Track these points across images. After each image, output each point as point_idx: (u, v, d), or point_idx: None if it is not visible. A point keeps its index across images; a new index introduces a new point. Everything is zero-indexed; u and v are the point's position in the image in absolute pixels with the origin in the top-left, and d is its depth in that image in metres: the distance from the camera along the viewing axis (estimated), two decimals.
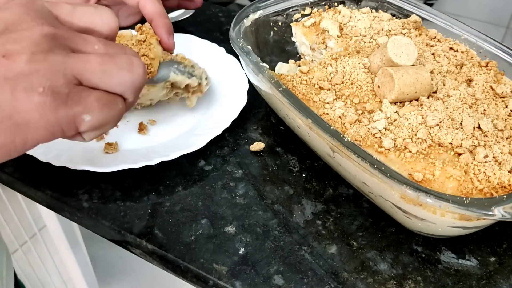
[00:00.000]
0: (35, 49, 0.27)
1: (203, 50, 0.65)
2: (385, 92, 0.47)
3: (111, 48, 0.31)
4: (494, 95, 0.49)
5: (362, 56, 0.53)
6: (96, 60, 0.29)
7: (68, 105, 0.27)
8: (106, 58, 0.29)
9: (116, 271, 1.37)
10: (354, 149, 0.41)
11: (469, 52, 0.55)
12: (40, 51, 0.27)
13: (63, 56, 0.28)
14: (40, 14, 0.29)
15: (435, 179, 0.41)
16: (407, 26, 0.58)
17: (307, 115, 0.44)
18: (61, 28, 0.29)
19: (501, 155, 0.42)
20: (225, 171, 0.52)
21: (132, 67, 0.30)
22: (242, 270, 0.43)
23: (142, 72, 0.31)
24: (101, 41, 0.31)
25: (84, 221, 0.49)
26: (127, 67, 0.30)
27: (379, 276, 0.43)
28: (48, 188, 0.50)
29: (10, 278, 0.58)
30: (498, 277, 0.43)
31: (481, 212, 0.36)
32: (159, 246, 0.45)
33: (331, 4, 0.63)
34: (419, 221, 0.42)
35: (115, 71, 0.29)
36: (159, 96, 0.56)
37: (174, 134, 0.55)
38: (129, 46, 0.55)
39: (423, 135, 0.44)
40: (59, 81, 0.27)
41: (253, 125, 0.58)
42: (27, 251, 1.20)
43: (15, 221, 1.08)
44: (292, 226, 0.47)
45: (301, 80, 0.51)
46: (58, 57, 0.27)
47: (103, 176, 0.50)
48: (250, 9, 0.58)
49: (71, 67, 0.28)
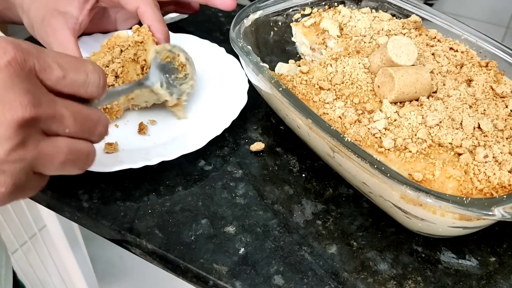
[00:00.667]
0: (7, 147, 0.28)
1: (203, 50, 0.65)
2: (385, 92, 0.47)
3: (81, 131, 0.32)
4: (494, 95, 0.49)
5: (362, 56, 0.53)
6: (59, 159, 0.30)
7: (24, 191, 0.30)
8: (68, 157, 0.31)
9: (116, 271, 1.37)
10: (354, 149, 0.41)
11: (469, 52, 0.55)
12: (10, 149, 0.28)
13: (32, 151, 0.29)
14: (25, 87, 0.28)
15: (435, 179, 0.41)
16: (407, 26, 0.58)
17: (307, 115, 0.44)
18: (42, 105, 0.29)
19: (501, 155, 0.42)
20: (225, 171, 0.52)
21: (86, 164, 0.33)
22: (242, 270, 0.43)
23: (90, 164, 0.33)
24: (76, 120, 0.31)
25: (84, 221, 0.49)
26: (81, 164, 0.32)
27: (379, 276, 0.43)
28: (48, 188, 0.50)
29: (9, 278, 0.58)
30: (498, 277, 0.43)
31: (481, 212, 0.36)
32: (159, 246, 0.45)
33: (331, 4, 0.63)
34: (419, 221, 0.42)
35: (69, 169, 0.32)
36: (153, 99, 0.56)
37: (174, 134, 0.55)
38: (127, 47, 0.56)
39: (423, 135, 0.44)
40: (22, 179, 0.29)
41: (253, 125, 0.58)
42: (27, 251, 1.20)
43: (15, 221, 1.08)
44: (292, 226, 0.47)
45: (301, 80, 0.51)
46: (28, 155, 0.29)
47: (103, 176, 0.50)
48: (250, 9, 0.58)
49: (35, 166, 0.30)
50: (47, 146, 0.30)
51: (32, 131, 0.29)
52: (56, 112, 0.30)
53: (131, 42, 0.56)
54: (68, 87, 0.31)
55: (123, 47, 0.56)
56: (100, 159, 0.51)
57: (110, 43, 0.58)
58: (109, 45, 0.57)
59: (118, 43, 0.57)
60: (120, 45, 0.56)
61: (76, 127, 0.31)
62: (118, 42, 0.57)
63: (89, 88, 0.32)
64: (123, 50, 0.56)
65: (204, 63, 0.64)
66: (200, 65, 0.63)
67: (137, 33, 0.57)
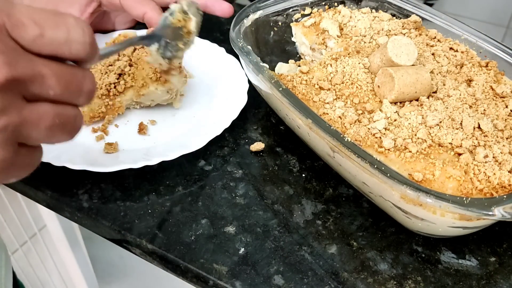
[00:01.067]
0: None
1: (203, 50, 0.65)
2: (385, 92, 0.47)
3: (67, 92, 0.29)
4: (494, 95, 0.49)
5: (362, 56, 0.53)
6: (45, 124, 0.28)
7: (15, 168, 0.28)
8: (55, 121, 0.28)
9: (116, 271, 1.37)
10: (354, 149, 0.41)
11: (469, 52, 0.55)
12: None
13: (14, 118, 0.26)
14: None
15: (435, 179, 0.41)
16: (407, 26, 0.58)
17: (307, 115, 0.44)
18: (19, 65, 0.26)
19: (501, 155, 0.42)
20: (225, 171, 0.52)
21: (74, 129, 0.30)
22: (242, 270, 0.43)
23: (78, 129, 0.31)
24: (60, 79, 0.28)
25: (84, 221, 0.49)
26: (70, 130, 0.30)
27: (379, 276, 0.43)
28: (48, 188, 0.50)
29: (9, 278, 0.58)
30: (498, 277, 0.43)
31: (481, 212, 0.36)
32: (159, 246, 0.45)
33: (331, 4, 0.63)
34: (419, 221, 0.42)
35: (58, 136, 0.29)
36: (161, 100, 0.56)
37: (174, 134, 0.55)
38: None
39: (423, 135, 0.44)
40: (9, 151, 0.27)
41: (253, 125, 0.58)
42: (27, 251, 1.20)
43: (15, 221, 1.08)
44: (292, 226, 0.47)
45: (301, 80, 0.51)
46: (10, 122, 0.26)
47: (103, 176, 0.50)
48: (250, 9, 0.58)
49: (20, 135, 0.27)
50: (30, 113, 0.27)
51: (12, 96, 0.26)
52: (36, 71, 0.27)
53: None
54: (47, 46, 0.27)
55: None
56: (100, 159, 0.51)
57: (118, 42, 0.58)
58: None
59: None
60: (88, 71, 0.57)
61: (61, 86, 0.28)
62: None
63: (73, 46, 0.28)
64: (136, 49, 0.57)
65: (204, 63, 0.64)
66: (200, 65, 0.63)
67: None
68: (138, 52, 0.57)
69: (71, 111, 0.29)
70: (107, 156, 0.51)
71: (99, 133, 0.55)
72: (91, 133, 0.55)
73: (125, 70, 0.55)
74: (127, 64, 0.56)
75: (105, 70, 0.56)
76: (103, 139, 0.54)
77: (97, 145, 0.53)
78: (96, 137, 0.54)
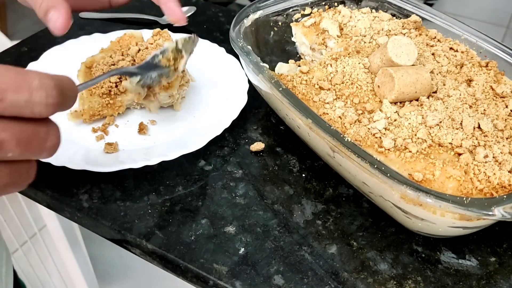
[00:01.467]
0: None
1: (203, 50, 0.65)
2: (385, 92, 0.47)
3: (27, 152, 0.28)
4: (494, 95, 0.49)
5: (362, 56, 0.53)
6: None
7: None
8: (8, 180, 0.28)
9: (116, 271, 1.37)
10: (354, 149, 0.41)
11: (469, 52, 0.55)
12: None
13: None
14: None
15: (435, 179, 0.41)
16: (407, 26, 0.58)
17: (307, 115, 0.44)
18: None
19: (501, 155, 0.42)
20: (225, 171, 0.52)
21: (26, 181, 0.30)
22: (242, 270, 0.43)
23: (31, 180, 0.31)
24: (20, 142, 0.27)
25: (84, 221, 0.49)
26: (22, 183, 0.30)
27: (379, 276, 0.43)
28: (48, 188, 0.50)
29: (10, 277, 0.58)
30: (498, 277, 0.43)
31: (481, 212, 0.36)
32: (159, 246, 0.45)
33: (331, 4, 0.63)
34: (419, 221, 0.42)
35: (10, 191, 0.29)
36: (163, 103, 0.57)
37: (174, 134, 0.55)
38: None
39: (423, 135, 0.44)
40: None
41: (253, 125, 0.58)
42: (27, 251, 1.20)
43: (15, 221, 1.08)
44: (292, 226, 0.47)
45: (301, 80, 0.51)
46: None
47: (103, 176, 0.50)
48: (250, 9, 0.58)
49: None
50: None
51: None
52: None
53: (149, 44, 0.57)
54: (8, 109, 0.26)
55: (141, 46, 0.57)
56: (100, 159, 0.51)
57: (122, 41, 0.58)
58: (121, 43, 0.58)
59: (132, 42, 0.58)
60: (139, 45, 0.57)
61: (20, 149, 0.27)
62: (133, 42, 0.58)
63: (35, 108, 0.27)
64: (141, 49, 0.57)
65: (204, 63, 0.64)
66: (200, 65, 0.63)
67: (158, 36, 0.58)
68: (142, 53, 0.57)
69: (25, 166, 0.29)
70: (107, 156, 0.51)
71: (99, 133, 0.55)
72: (91, 133, 0.55)
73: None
74: (130, 65, 0.56)
75: (107, 69, 0.56)
76: (103, 139, 0.54)
77: (97, 145, 0.53)
78: (96, 137, 0.54)
